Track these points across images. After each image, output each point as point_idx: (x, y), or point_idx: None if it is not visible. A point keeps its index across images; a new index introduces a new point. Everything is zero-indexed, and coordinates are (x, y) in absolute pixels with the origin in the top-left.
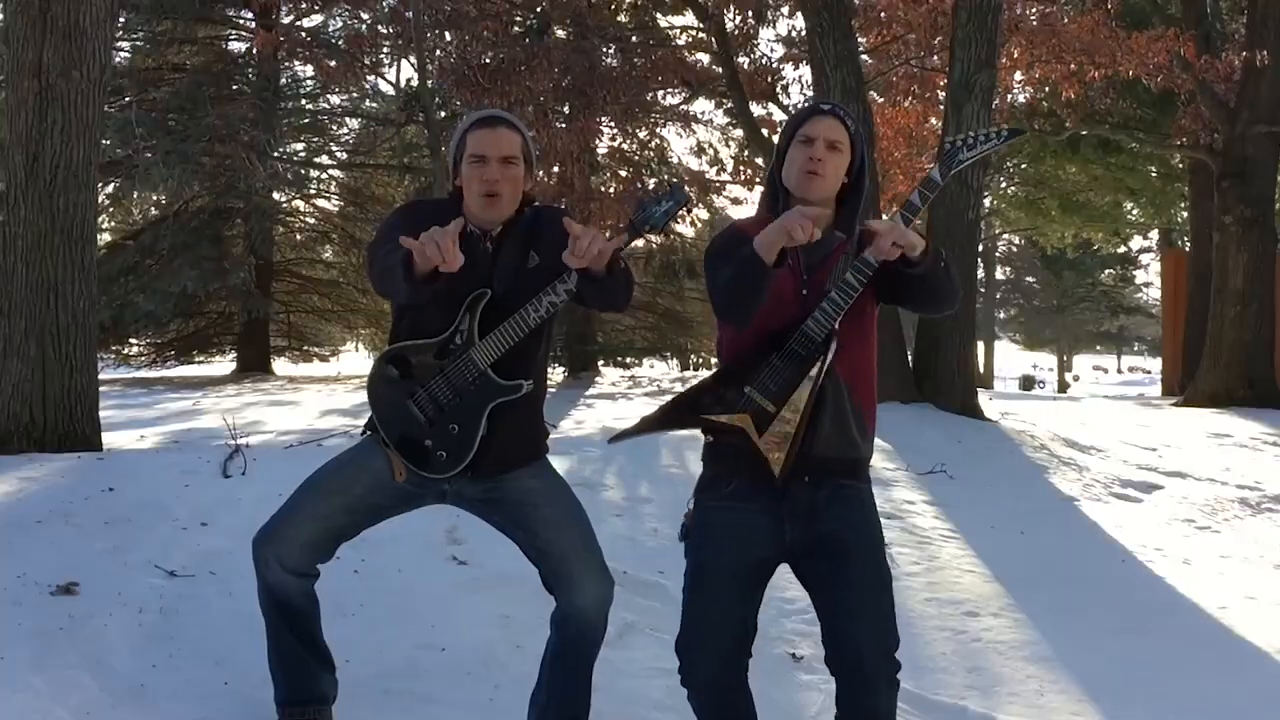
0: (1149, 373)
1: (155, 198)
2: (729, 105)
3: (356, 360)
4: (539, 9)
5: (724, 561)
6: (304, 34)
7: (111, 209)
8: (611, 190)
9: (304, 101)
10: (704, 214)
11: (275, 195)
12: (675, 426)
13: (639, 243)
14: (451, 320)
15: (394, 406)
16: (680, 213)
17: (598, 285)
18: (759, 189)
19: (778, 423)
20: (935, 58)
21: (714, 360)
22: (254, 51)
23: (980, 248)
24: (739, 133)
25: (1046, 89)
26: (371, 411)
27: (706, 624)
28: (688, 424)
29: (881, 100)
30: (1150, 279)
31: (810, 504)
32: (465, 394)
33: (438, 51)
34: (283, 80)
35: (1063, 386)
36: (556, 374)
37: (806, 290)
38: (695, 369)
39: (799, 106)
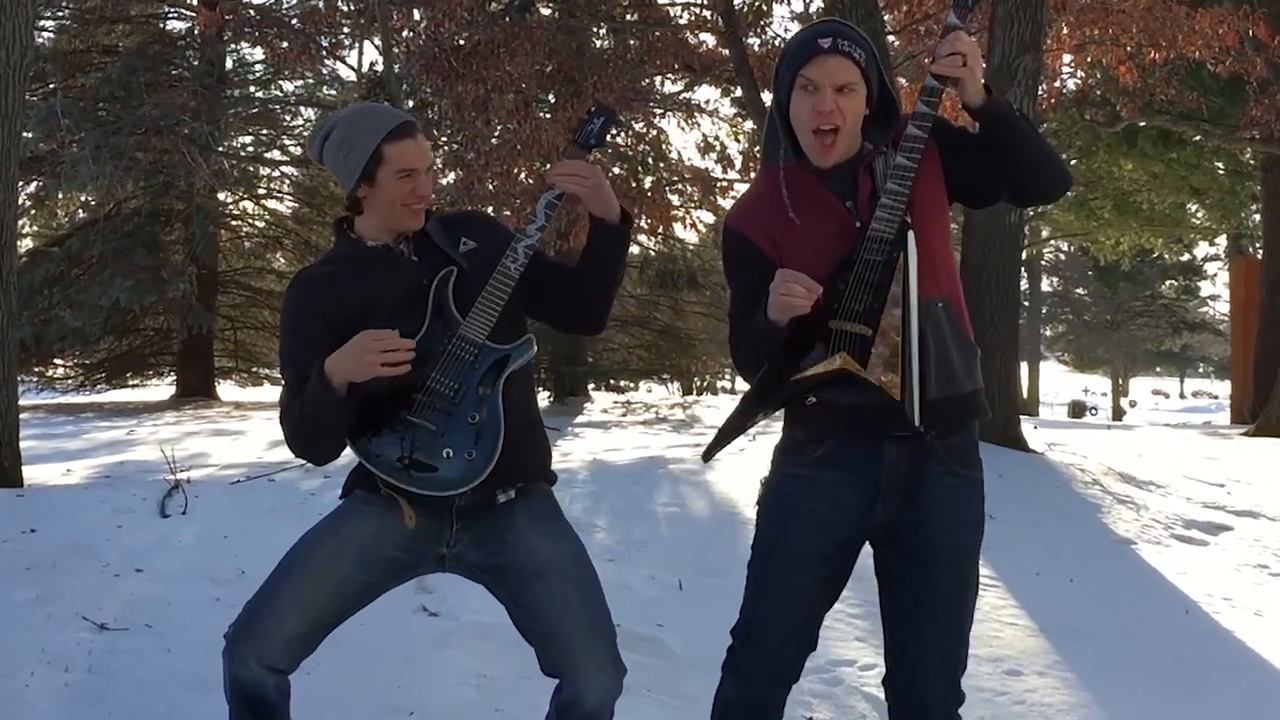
0: (1216, 398)
1: (83, 198)
2: (736, 94)
3: None
4: None
5: (804, 539)
6: (252, 12)
7: (34, 211)
8: None
9: (253, 89)
10: (709, 217)
11: (220, 195)
12: (766, 409)
13: (633, 249)
14: (421, 316)
15: (390, 439)
16: (613, 128)
17: (608, 245)
18: None
19: (879, 343)
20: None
21: (719, 384)
22: (196, 32)
23: (1024, 255)
24: (749, 124)
25: (1099, 74)
26: (363, 461)
27: (777, 606)
28: (778, 399)
29: (909, 85)
30: (1217, 291)
31: (911, 475)
32: (469, 377)
33: (405, 31)
34: (228, 64)
35: (1118, 413)
36: (540, 399)
37: (853, 206)
38: (698, 393)
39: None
